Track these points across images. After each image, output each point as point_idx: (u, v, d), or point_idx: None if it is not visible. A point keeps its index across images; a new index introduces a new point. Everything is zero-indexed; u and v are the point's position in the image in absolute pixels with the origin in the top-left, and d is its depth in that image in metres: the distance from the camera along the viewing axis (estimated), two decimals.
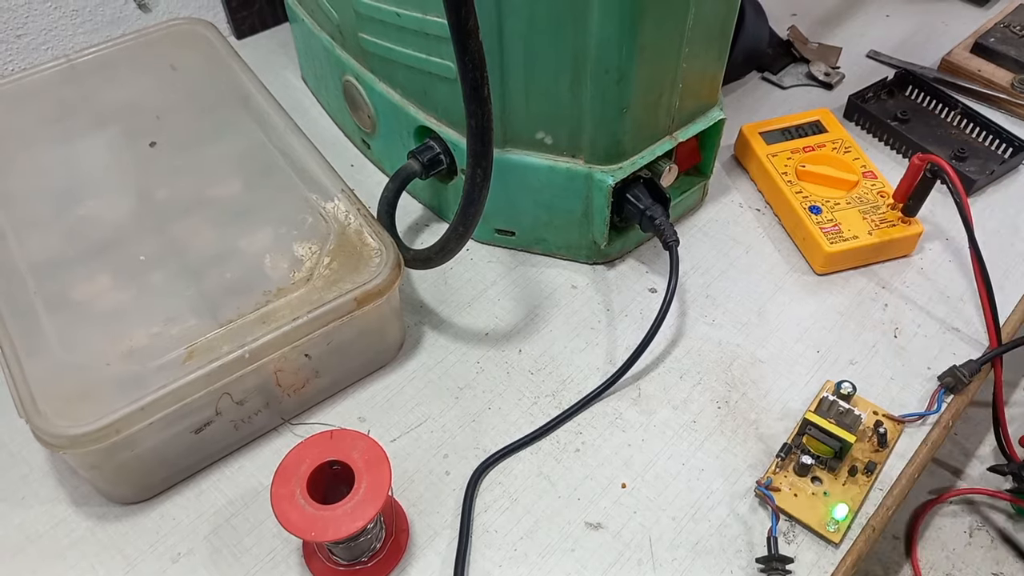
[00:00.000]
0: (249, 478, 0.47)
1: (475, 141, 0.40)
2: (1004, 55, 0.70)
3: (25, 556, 0.44)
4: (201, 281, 0.46)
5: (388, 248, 0.48)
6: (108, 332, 0.44)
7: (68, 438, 0.40)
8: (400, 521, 0.45)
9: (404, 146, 0.57)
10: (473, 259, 0.59)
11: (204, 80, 0.58)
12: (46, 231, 0.49)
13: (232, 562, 0.44)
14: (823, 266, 0.57)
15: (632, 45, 0.45)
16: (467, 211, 0.44)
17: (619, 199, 0.53)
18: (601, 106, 0.49)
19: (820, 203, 0.58)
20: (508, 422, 0.50)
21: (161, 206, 0.50)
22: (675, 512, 0.46)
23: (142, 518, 0.46)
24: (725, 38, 0.52)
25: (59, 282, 0.46)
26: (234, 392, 0.44)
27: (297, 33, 0.68)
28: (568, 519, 0.46)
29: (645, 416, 0.50)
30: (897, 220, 0.57)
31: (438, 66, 0.50)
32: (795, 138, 0.63)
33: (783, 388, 0.52)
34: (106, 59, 0.60)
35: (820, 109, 0.65)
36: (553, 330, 0.55)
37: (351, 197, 0.50)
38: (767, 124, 0.64)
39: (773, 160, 0.61)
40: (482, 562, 0.44)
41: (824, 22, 0.78)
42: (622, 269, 0.58)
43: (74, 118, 0.55)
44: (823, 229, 0.57)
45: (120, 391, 0.41)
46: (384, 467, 0.40)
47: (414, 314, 0.56)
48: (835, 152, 0.62)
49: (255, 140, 0.54)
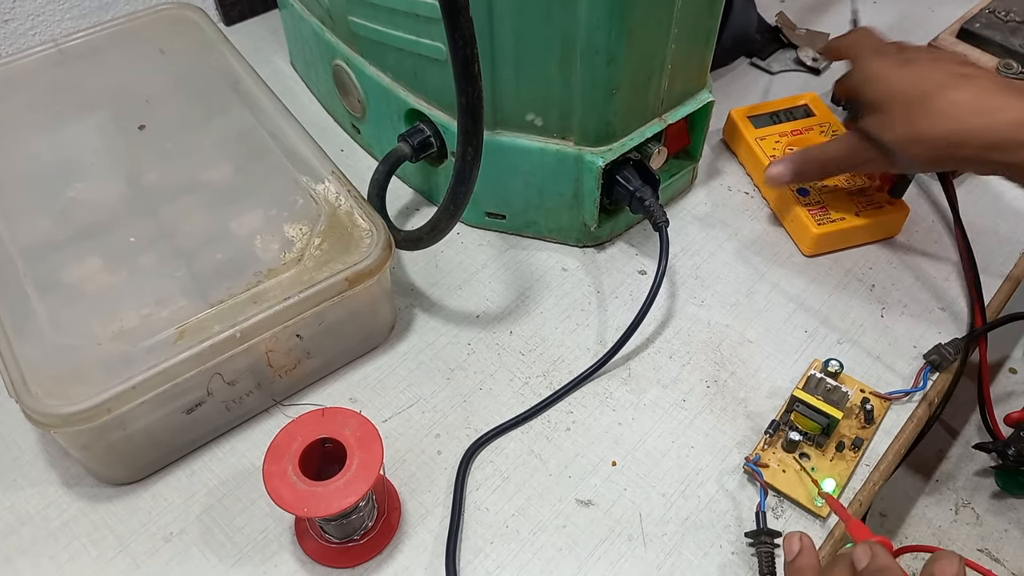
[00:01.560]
0: (241, 459, 0.47)
1: (466, 118, 0.40)
2: (990, 40, 0.71)
3: (17, 537, 0.44)
4: (192, 263, 0.46)
5: (379, 229, 0.48)
6: (99, 313, 0.44)
7: (59, 417, 0.40)
8: (392, 500, 0.46)
9: (394, 130, 0.57)
10: (464, 242, 0.59)
11: (193, 64, 0.58)
12: (36, 214, 0.49)
13: (224, 541, 0.44)
14: (811, 247, 0.57)
15: (621, 26, 0.46)
16: (458, 190, 0.44)
17: (609, 181, 0.54)
18: (591, 88, 0.49)
19: (808, 185, 0.59)
20: (499, 402, 0.50)
21: (151, 189, 0.50)
22: (665, 489, 0.47)
23: (134, 498, 0.46)
24: (713, 19, 0.52)
25: (49, 264, 0.46)
26: (225, 372, 0.44)
27: (286, 18, 0.68)
28: (559, 496, 0.46)
29: (635, 395, 0.51)
30: (884, 202, 0.58)
31: (428, 48, 0.50)
32: (783, 122, 0.64)
33: (771, 367, 0.52)
34: (94, 43, 0.59)
35: (808, 93, 0.66)
36: (544, 312, 0.55)
37: (341, 179, 0.50)
38: (756, 108, 0.65)
39: (761, 144, 0.62)
40: (474, 539, 0.45)
41: (812, 8, 0.79)
42: (612, 252, 0.59)
43: (63, 102, 0.55)
44: (811, 211, 0.57)
45: (111, 371, 0.41)
46: (376, 444, 0.40)
47: (405, 297, 0.56)
48: (823, 135, 0.62)
49: (245, 123, 0.54)
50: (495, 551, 0.44)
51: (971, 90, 0.46)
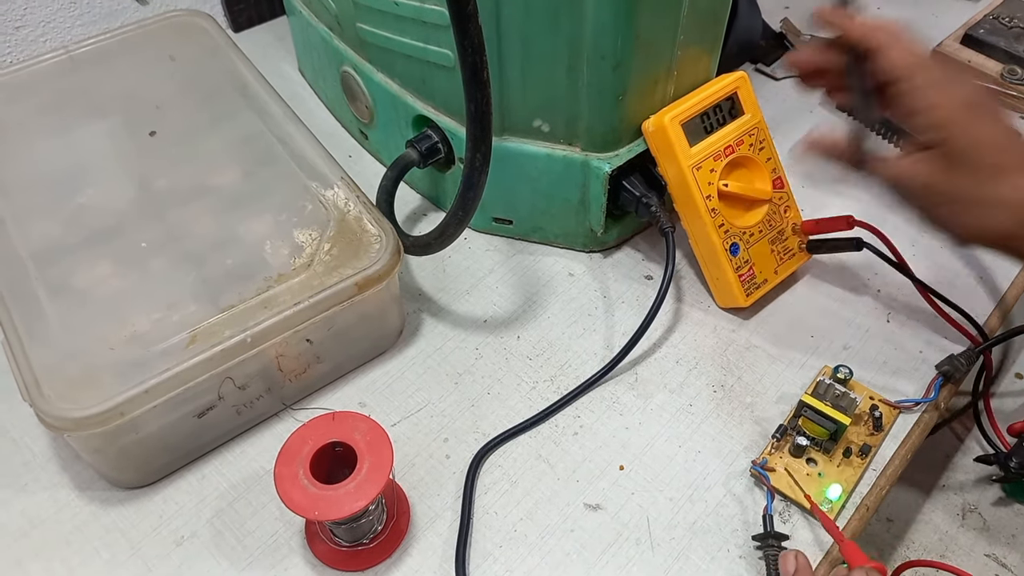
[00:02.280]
0: (251, 462, 0.48)
1: (474, 125, 0.41)
2: (994, 46, 0.71)
3: (29, 541, 0.45)
4: (202, 267, 0.47)
5: (388, 234, 0.48)
6: (110, 318, 0.44)
7: (73, 420, 0.40)
8: (401, 504, 0.46)
9: (402, 136, 0.58)
10: (471, 248, 0.59)
11: (203, 70, 0.59)
12: (47, 219, 0.49)
13: (235, 544, 0.44)
14: (729, 306, 0.55)
15: (628, 32, 0.46)
16: (466, 195, 0.44)
17: (615, 186, 0.54)
18: (598, 94, 0.49)
19: (738, 237, 0.53)
20: (507, 406, 0.50)
21: (161, 194, 0.51)
22: (672, 493, 0.47)
23: (145, 502, 0.46)
24: (719, 25, 0.52)
25: (61, 269, 0.47)
26: (236, 377, 0.45)
27: (295, 25, 0.69)
28: (567, 500, 0.47)
29: (642, 400, 0.51)
30: (796, 249, 0.56)
31: (436, 54, 0.50)
32: (715, 128, 0.53)
33: (778, 372, 0.52)
34: (105, 50, 0.60)
35: (737, 73, 0.54)
36: (551, 317, 0.55)
37: (350, 184, 0.51)
38: (685, 110, 0.51)
39: (697, 174, 0.51)
40: (483, 543, 0.45)
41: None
42: (618, 257, 0.59)
43: (74, 108, 0.56)
44: (740, 276, 0.53)
45: (124, 375, 0.42)
46: (386, 447, 0.40)
47: (413, 301, 0.56)
48: (751, 152, 0.54)
49: (254, 129, 0.54)
50: (504, 555, 0.44)
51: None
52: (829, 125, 0.45)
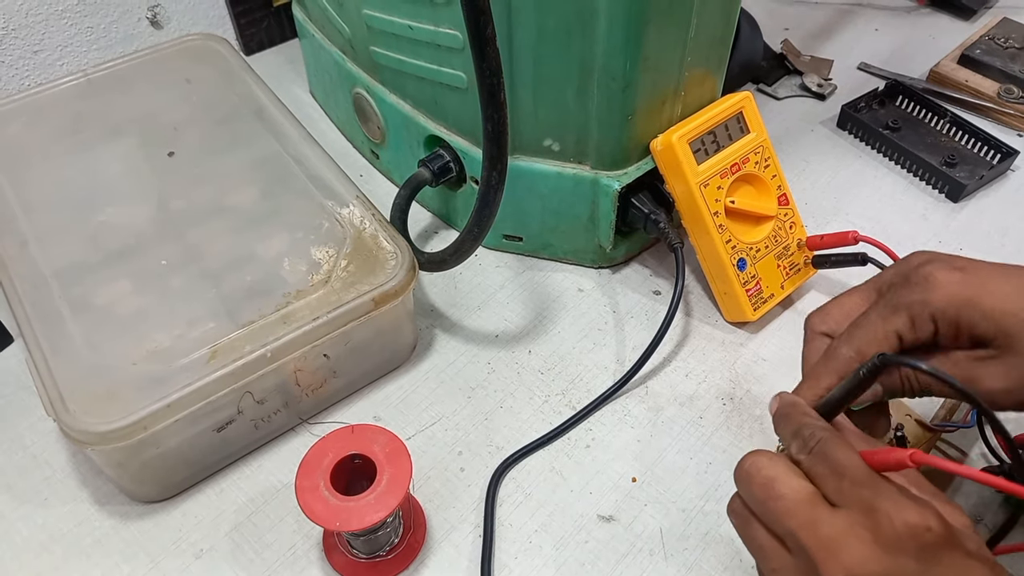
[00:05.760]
0: (268, 476, 0.48)
1: (491, 145, 0.42)
2: (990, 66, 0.73)
3: (49, 555, 0.45)
4: (221, 285, 0.48)
5: (403, 251, 0.49)
6: (132, 334, 0.45)
7: (97, 435, 0.41)
8: (417, 516, 0.47)
9: (414, 155, 0.59)
10: (482, 264, 0.60)
11: (219, 92, 0.60)
12: (68, 238, 0.50)
13: (254, 557, 0.45)
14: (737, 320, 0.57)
15: (637, 53, 0.47)
16: (482, 213, 0.45)
17: (624, 204, 0.55)
18: (607, 113, 0.50)
19: (745, 252, 0.55)
20: (520, 420, 0.51)
21: (180, 213, 0.52)
22: (684, 504, 0.48)
23: (164, 516, 0.47)
24: (725, 47, 0.54)
25: (83, 287, 0.47)
26: (255, 391, 0.46)
27: (307, 48, 0.70)
28: (581, 512, 0.47)
29: (653, 412, 0.52)
30: (802, 264, 0.57)
31: (449, 76, 0.52)
32: (721, 146, 0.54)
33: (786, 385, 0.53)
34: (122, 73, 0.61)
35: (742, 92, 0.56)
36: (561, 331, 0.56)
37: (365, 203, 0.52)
38: (692, 129, 0.53)
39: (704, 191, 0.53)
40: (499, 554, 0.45)
41: (816, 36, 0.81)
42: (627, 273, 0.60)
43: (92, 130, 0.57)
44: (748, 290, 0.55)
45: (146, 390, 0.42)
46: (404, 459, 0.41)
47: (426, 317, 0.57)
48: (757, 169, 0.55)
49: (270, 149, 0.56)
50: (519, 566, 0.45)
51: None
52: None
